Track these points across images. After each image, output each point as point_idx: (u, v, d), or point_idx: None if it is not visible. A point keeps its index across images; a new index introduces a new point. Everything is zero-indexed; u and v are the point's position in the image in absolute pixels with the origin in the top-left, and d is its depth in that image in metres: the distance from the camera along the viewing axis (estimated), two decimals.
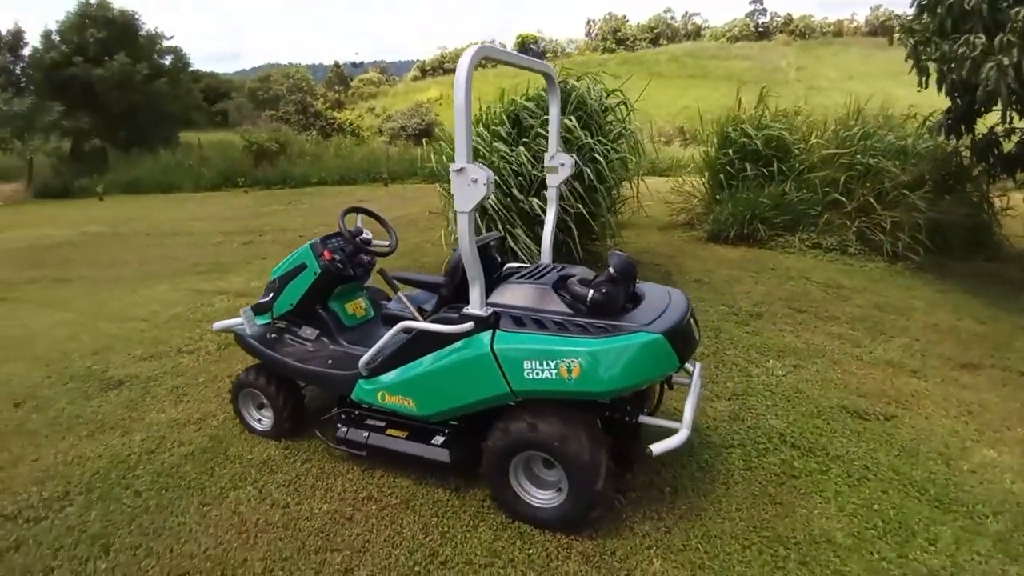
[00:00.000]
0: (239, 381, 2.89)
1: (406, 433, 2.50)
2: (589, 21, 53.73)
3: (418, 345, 2.30)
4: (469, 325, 2.14)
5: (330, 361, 2.69)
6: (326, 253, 2.80)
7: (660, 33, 48.93)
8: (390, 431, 2.53)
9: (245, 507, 2.37)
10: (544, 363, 2.00)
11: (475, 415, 2.31)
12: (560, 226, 5.00)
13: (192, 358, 3.91)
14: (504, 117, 5.37)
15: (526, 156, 4.90)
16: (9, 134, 13.38)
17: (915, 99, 6.18)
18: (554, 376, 1.99)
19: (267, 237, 8.66)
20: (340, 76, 52.75)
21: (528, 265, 2.68)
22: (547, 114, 5.19)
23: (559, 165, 2.79)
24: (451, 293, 2.45)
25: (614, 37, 48.29)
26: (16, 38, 15.10)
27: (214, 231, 9.24)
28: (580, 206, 4.96)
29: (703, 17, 55.44)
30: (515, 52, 2.37)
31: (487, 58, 2.09)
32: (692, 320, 2.26)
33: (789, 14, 51.31)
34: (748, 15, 52.37)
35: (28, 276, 6.12)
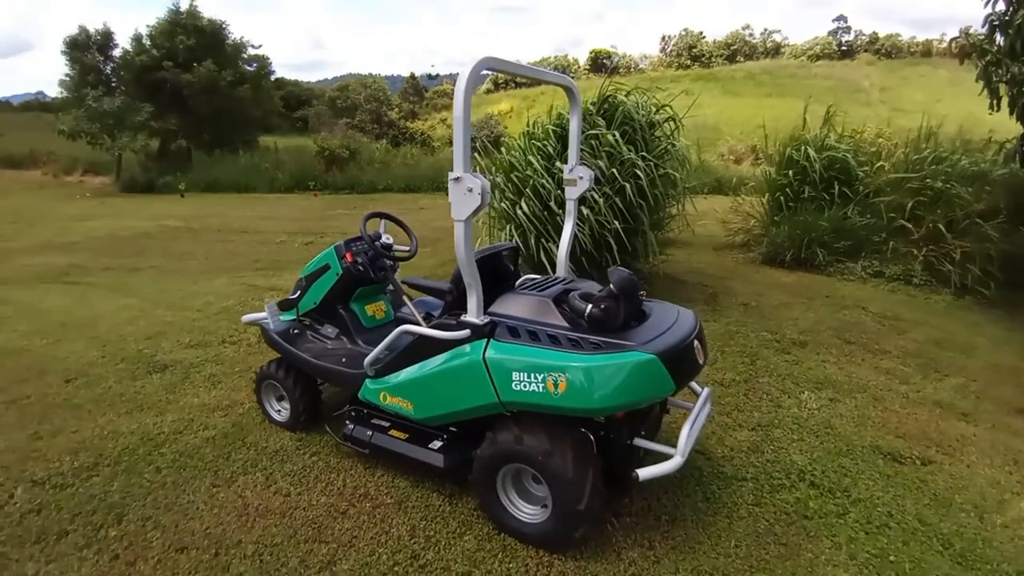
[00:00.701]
0: (262, 373, 3.04)
1: (407, 435, 2.54)
2: (664, 37, 53.03)
3: (419, 349, 2.34)
4: (465, 332, 2.16)
5: (344, 360, 2.77)
6: (348, 255, 2.91)
7: (737, 50, 47.51)
8: (392, 432, 2.58)
9: (250, 492, 2.49)
10: (532, 376, 1.98)
11: (473, 423, 2.32)
12: (600, 242, 4.94)
13: (233, 348, 4.15)
14: (550, 131, 5.39)
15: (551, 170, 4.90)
16: (98, 130, 14.67)
17: (1003, 124, 5.71)
18: (541, 389, 1.96)
19: (327, 239, 9.06)
20: (415, 87, 54.67)
21: (540, 277, 2.67)
22: (592, 129, 5.22)
23: (578, 178, 2.77)
24: (456, 300, 2.48)
25: (689, 53, 47.37)
26: (105, 39, 16.56)
27: (279, 231, 9.76)
28: (618, 223, 4.87)
29: (783, 34, 53.41)
30: (527, 65, 2.37)
31: (500, 71, 2.12)
32: (697, 342, 2.18)
33: (875, 32, 48.59)
34: (831, 33, 50.05)
35: (104, 263, 6.70)
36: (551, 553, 2.10)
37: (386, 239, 3.05)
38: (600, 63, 47.66)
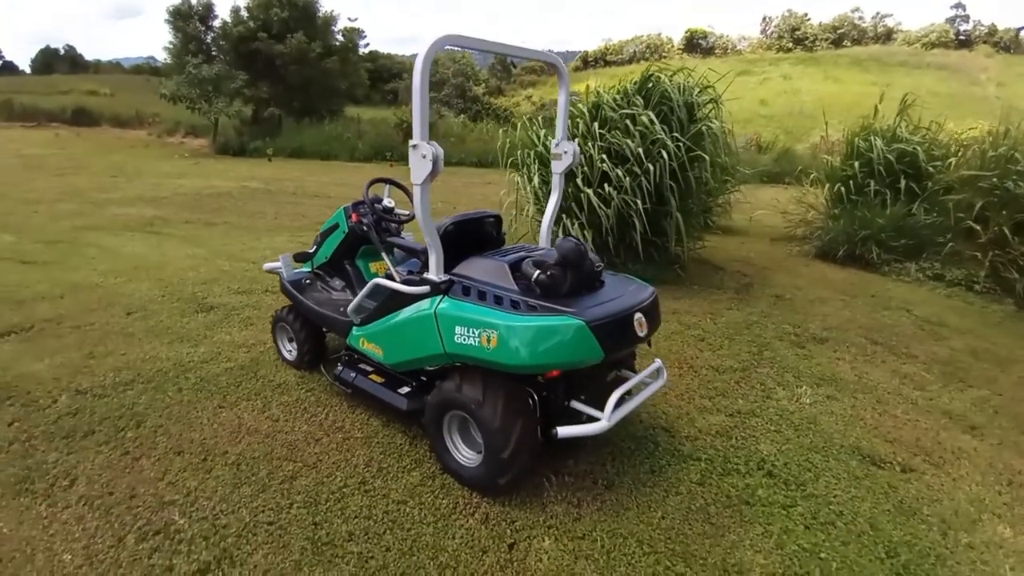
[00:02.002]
0: (276, 316, 3.41)
1: (384, 380, 2.79)
2: (765, 18, 49.28)
3: (391, 301, 2.55)
4: (425, 288, 2.35)
5: (340, 309, 3.05)
6: (354, 216, 3.17)
7: (844, 34, 43.37)
8: (372, 376, 2.84)
9: (247, 414, 2.84)
10: (471, 330, 2.14)
11: (438, 373, 2.52)
12: (627, 223, 4.93)
13: (272, 297, 4.59)
14: (585, 110, 5.38)
15: (593, 149, 4.90)
16: (197, 95, 15.98)
17: None
18: (476, 344, 2.12)
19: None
20: (503, 64, 54.75)
21: (519, 246, 2.79)
22: (629, 108, 5.16)
23: (563, 152, 2.85)
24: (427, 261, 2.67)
25: (792, 36, 43.90)
26: (206, 10, 17.89)
27: (349, 197, 10.27)
28: (639, 202, 4.80)
29: (896, 19, 48.06)
30: (498, 42, 2.46)
31: (465, 47, 2.24)
32: (641, 315, 2.23)
33: (994, 24, 42.66)
34: (948, 20, 44.53)
35: (184, 217, 7.49)
36: (482, 495, 2.28)
37: (387, 202, 3.28)
38: (695, 43, 45.30)
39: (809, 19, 45.44)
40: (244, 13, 17.88)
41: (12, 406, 2.78)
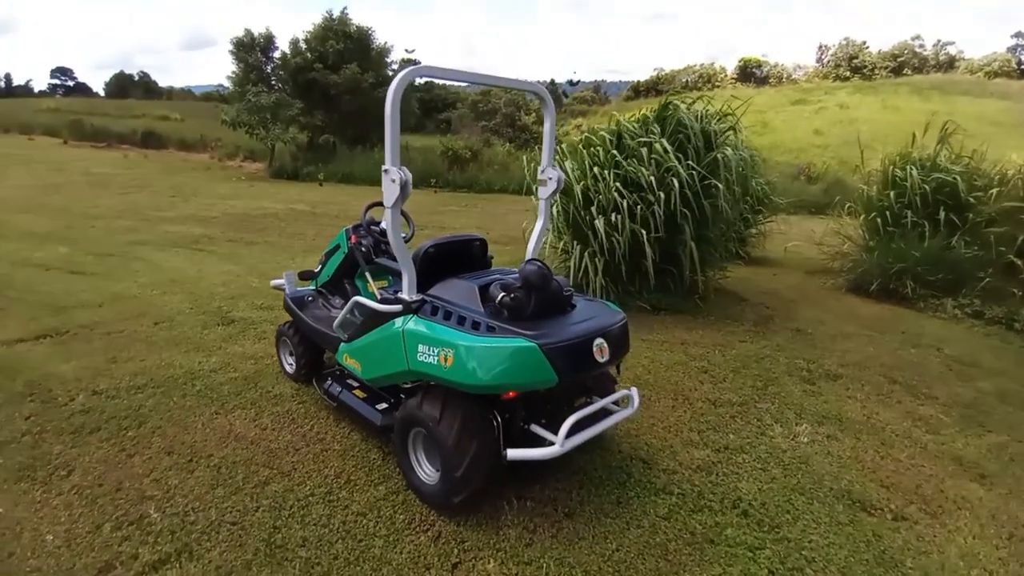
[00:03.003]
0: (279, 330, 3.59)
1: (365, 396, 2.89)
2: (821, 46, 48.09)
3: (371, 319, 2.66)
4: (397, 307, 2.44)
5: (334, 326, 3.20)
6: (353, 238, 3.33)
7: (905, 62, 41.74)
8: (356, 391, 2.94)
9: (239, 422, 3.00)
10: (432, 348, 2.21)
11: (414, 390, 2.59)
12: (640, 251, 4.89)
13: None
14: (606, 138, 5.43)
15: (605, 176, 4.93)
16: (256, 122, 16.98)
17: None
18: (435, 362, 2.18)
19: (426, 232, 9.77)
20: (554, 93, 55.69)
21: (498, 269, 2.85)
22: (647, 136, 5.18)
23: (548, 179, 2.91)
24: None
25: (849, 64, 42.62)
26: (267, 41, 19.13)
27: None
28: (644, 231, 4.74)
29: (957, 47, 45.79)
30: (476, 72, 2.56)
31: (437, 78, 2.37)
32: (603, 341, 2.24)
33: None
34: (1009, 50, 42.21)
35: (228, 236, 7.96)
36: (438, 514, 2.31)
37: (383, 225, 3.43)
38: (749, 72, 44.65)
39: (867, 47, 44.06)
40: (302, 45, 19.07)
41: (32, 402, 3.04)
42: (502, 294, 2.28)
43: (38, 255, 6.10)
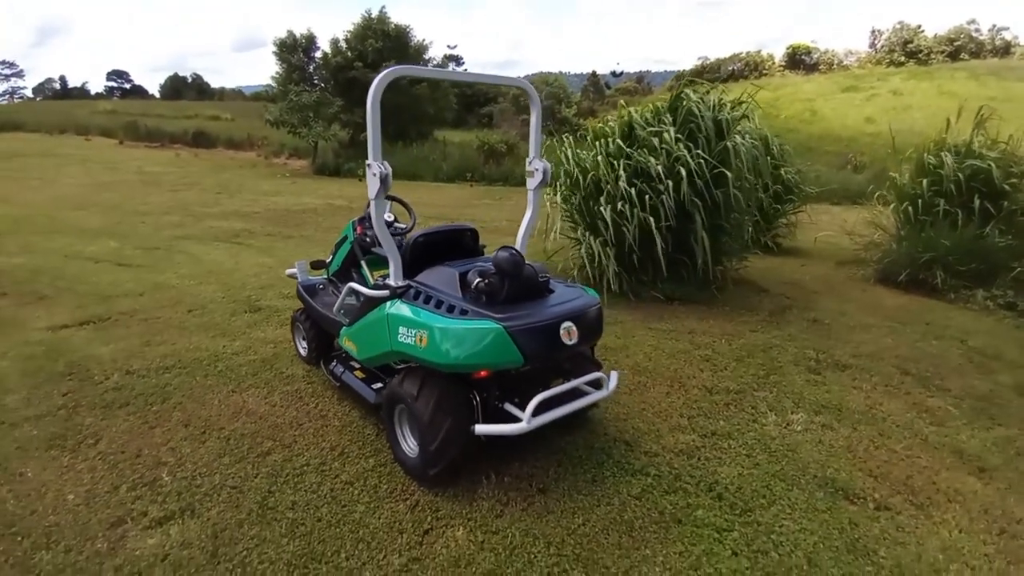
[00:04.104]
0: (293, 316, 3.83)
1: (364, 376, 3.07)
2: (874, 31, 45.62)
3: (365, 304, 2.84)
4: (384, 292, 2.60)
5: (334, 310, 3.40)
6: (359, 228, 3.52)
7: (961, 46, 39.14)
8: (356, 372, 3.13)
9: (251, 399, 3.24)
10: (409, 330, 2.35)
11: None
12: (652, 241, 4.89)
13: None
14: (616, 128, 5.45)
15: (615, 166, 4.96)
16: (298, 121, 17.68)
17: None
18: (412, 342, 2.33)
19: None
20: (596, 85, 55.01)
21: (484, 257, 2.97)
22: (658, 126, 5.16)
23: (535, 170, 3.00)
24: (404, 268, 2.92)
25: (903, 49, 40.28)
26: (309, 42, 19.81)
27: (421, 214, 10.81)
28: (652, 219, 4.73)
29: (1013, 32, 42.74)
30: (452, 70, 2.67)
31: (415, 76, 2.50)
32: (572, 324, 2.32)
33: None
34: None
35: (268, 230, 8.38)
36: (419, 485, 2.46)
37: (387, 216, 3.60)
38: (798, 59, 42.85)
39: (923, 31, 41.57)
40: (343, 44, 19.67)
41: (71, 380, 3.38)
42: (478, 279, 2.40)
43: (90, 249, 6.63)
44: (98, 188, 12.32)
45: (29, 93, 77.20)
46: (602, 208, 4.87)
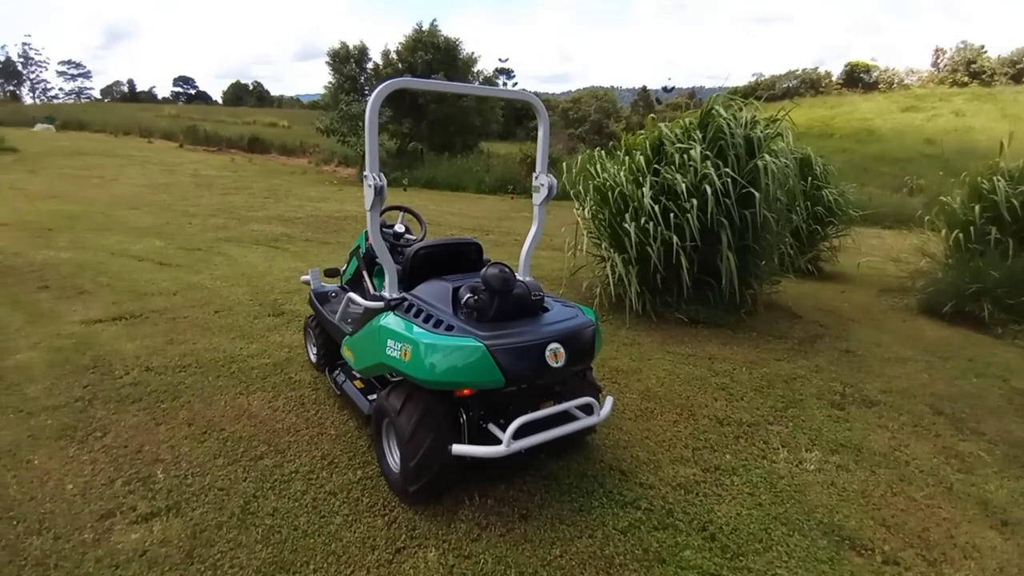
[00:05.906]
0: (305, 323, 3.91)
1: (363, 386, 3.09)
2: (937, 50, 43.41)
3: (365, 314, 2.86)
4: (379, 304, 2.62)
5: (336, 319, 3.44)
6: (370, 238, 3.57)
7: None
8: (356, 382, 3.16)
9: (256, 402, 3.31)
10: (396, 343, 2.35)
11: None
12: (677, 260, 4.75)
13: None
14: (647, 144, 5.35)
15: (642, 181, 4.86)
16: (347, 130, 18.24)
17: None
18: (397, 356, 2.32)
19: (491, 237, 9.77)
20: (646, 99, 54.53)
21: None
22: (687, 143, 5.03)
23: (541, 185, 2.97)
24: (402, 279, 2.93)
25: (967, 69, 38.18)
26: (361, 53, 20.45)
27: (457, 226, 11.08)
28: (676, 238, 4.58)
29: None
30: (455, 83, 2.66)
31: (418, 88, 2.51)
32: (558, 346, 2.26)
33: None
34: None
35: (306, 235, 8.62)
36: (400, 502, 2.43)
37: (398, 227, 3.64)
38: (856, 77, 41.17)
39: (986, 52, 39.33)
40: (394, 56, 20.27)
41: (93, 373, 3.55)
42: (468, 295, 2.38)
43: (136, 247, 6.99)
44: (154, 189, 13.04)
45: (96, 94, 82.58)
46: (627, 224, 4.76)
